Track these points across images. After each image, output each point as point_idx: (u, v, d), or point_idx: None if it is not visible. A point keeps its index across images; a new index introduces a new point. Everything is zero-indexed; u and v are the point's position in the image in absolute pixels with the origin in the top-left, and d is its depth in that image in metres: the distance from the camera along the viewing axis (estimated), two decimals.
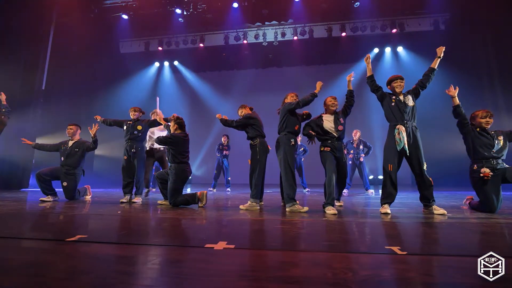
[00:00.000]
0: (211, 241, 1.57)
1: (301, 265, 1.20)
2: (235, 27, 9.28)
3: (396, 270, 1.15)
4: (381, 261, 1.27)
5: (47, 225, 2.23)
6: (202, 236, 1.81)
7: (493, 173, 2.66)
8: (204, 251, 1.39)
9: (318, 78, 11.05)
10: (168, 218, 2.54)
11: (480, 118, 2.78)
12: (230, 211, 2.97)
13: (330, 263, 1.21)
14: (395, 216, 2.54)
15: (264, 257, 1.35)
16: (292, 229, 2.02)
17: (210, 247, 1.43)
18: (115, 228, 2.15)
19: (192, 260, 1.28)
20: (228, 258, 1.29)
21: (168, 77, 11.14)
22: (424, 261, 1.28)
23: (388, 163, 2.81)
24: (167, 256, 1.37)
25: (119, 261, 1.29)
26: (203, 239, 1.66)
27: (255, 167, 3.26)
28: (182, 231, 2.02)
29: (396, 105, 2.86)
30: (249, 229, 2.08)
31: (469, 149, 2.87)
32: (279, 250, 1.44)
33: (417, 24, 8.84)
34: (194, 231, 2.02)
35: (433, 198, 2.73)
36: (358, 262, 1.24)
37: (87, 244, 1.53)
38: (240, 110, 3.62)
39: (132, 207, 3.32)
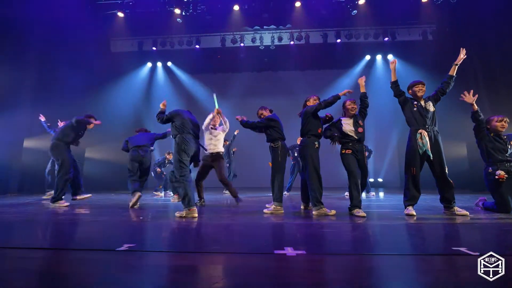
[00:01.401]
0: (275, 247, 1.52)
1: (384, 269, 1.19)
2: (233, 30, 9.25)
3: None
4: (454, 262, 1.29)
5: (90, 234, 2.07)
6: (261, 241, 1.76)
7: (508, 176, 2.82)
8: (277, 258, 1.34)
9: (313, 84, 11.28)
10: (209, 223, 2.45)
11: (495, 122, 2.96)
12: (257, 215, 2.92)
13: (411, 266, 1.21)
14: (425, 218, 2.62)
15: (347, 262, 1.33)
16: (340, 232, 2.02)
17: (281, 253, 1.39)
18: (164, 236, 2.04)
19: (278, 268, 1.23)
20: (309, 265, 1.26)
21: (162, 78, 10.86)
22: None
23: (411, 167, 2.90)
24: (249, 263, 1.31)
25: (198, 272, 1.21)
26: (264, 245, 1.61)
27: (277, 169, 3.23)
28: (235, 237, 1.95)
29: (418, 110, 2.97)
30: (303, 233, 2.04)
31: (484, 153, 3.03)
32: (354, 255, 1.43)
33: (407, 33, 9.29)
34: (247, 237, 1.96)
35: (454, 200, 2.84)
36: (432, 264, 1.25)
37: (148, 254, 1.43)
38: (260, 112, 3.59)
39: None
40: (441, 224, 2.35)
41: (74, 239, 1.85)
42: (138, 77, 10.42)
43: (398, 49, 9.71)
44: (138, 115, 10.18)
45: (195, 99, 11.03)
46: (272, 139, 3.34)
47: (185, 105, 11.00)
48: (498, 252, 1.49)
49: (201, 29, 9.37)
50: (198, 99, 11.03)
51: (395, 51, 9.99)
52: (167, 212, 3.39)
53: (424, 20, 8.62)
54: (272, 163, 3.29)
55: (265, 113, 3.54)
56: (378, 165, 10.44)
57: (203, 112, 10.98)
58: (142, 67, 10.52)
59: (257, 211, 3.28)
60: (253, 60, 10.30)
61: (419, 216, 2.71)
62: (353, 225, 2.33)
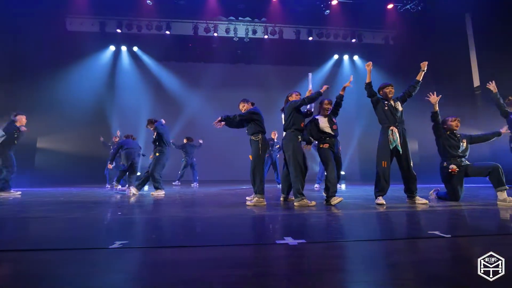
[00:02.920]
0: (275, 237, 1.58)
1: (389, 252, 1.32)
2: (206, 18, 8.96)
3: (459, 250, 1.38)
4: (438, 243, 1.49)
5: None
6: (258, 233, 1.80)
7: (459, 169, 3.26)
8: (282, 247, 1.39)
9: (286, 78, 11.51)
10: (201, 217, 2.40)
11: (450, 121, 3.38)
12: (240, 208, 2.96)
13: (412, 248, 1.37)
14: (394, 206, 2.91)
15: (345, 249, 1.45)
16: (333, 221, 2.16)
17: (284, 243, 1.45)
18: (156, 231, 1.96)
19: (284, 257, 1.28)
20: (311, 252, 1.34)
21: (126, 63, 10.09)
22: (472, 241, 1.56)
23: (382, 161, 3.19)
24: (258, 254, 1.34)
25: (206, 265, 1.22)
26: (266, 235, 1.65)
27: (258, 162, 3.28)
28: (229, 229, 1.96)
29: (388, 109, 3.26)
30: (295, 224, 2.13)
31: (440, 149, 3.45)
32: (350, 241, 1.54)
33: (372, 37, 9.97)
34: (245, 228, 1.98)
35: (417, 190, 3.21)
36: (436, 246, 1.43)
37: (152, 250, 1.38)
38: (242, 105, 3.58)
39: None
40: (409, 211, 2.64)
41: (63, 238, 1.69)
42: (99, 61, 9.55)
43: (364, 51, 10.39)
44: (100, 102, 9.36)
45: (163, 88, 10.52)
46: (253, 132, 3.37)
47: (152, 93, 10.44)
48: (451, 232, 1.75)
49: (173, 14, 8.90)
50: (167, 87, 10.53)
51: (361, 52, 10.66)
52: (142, 207, 3.25)
53: (387, 25, 9.32)
54: (253, 156, 3.32)
55: (247, 106, 3.54)
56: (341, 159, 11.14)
57: (170, 100, 10.55)
58: (104, 50, 9.64)
59: (239, 203, 3.31)
60: (226, 51, 10.13)
61: (388, 205, 3.00)
62: (335, 214, 2.50)
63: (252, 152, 3.33)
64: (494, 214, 2.41)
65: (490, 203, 3.09)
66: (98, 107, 9.16)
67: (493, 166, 3.05)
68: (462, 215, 2.43)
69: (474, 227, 1.95)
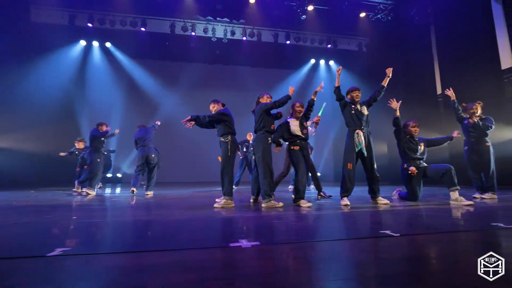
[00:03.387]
0: (230, 240, 1.57)
1: (334, 251, 1.37)
2: (184, 17, 8.81)
3: (403, 248, 1.46)
4: (387, 243, 1.57)
5: None
6: (215, 236, 1.78)
7: (418, 171, 3.47)
8: (235, 250, 1.38)
9: (264, 81, 11.64)
10: (155, 220, 2.34)
11: (410, 127, 3.58)
12: (207, 210, 2.93)
13: (361, 247, 1.43)
14: (357, 207, 3.03)
15: (299, 249, 1.48)
16: (295, 222, 2.20)
17: (237, 246, 1.44)
18: (106, 235, 1.88)
19: (239, 260, 1.28)
20: (264, 254, 1.35)
21: (98, 59, 9.65)
22: (417, 240, 1.66)
23: (348, 162, 3.31)
24: (208, 258, 1.33)
25: (154, 271, 1.19)
26: (219, 238, 1.64)
27: (227, 164, 3.25)
28: (188, 232, 1.93)
29: (355, 113, 3.40)
30: (255, 225, 2.14)
31: (401, 152, 3.65)
32: (302, 242, 1.58)
33: (347, 43, 10.36)
34: (201, 231, 1.96)
35: (379, 191, 3.37)
36: (383, 245, 1.50)
37: (81, 257, 1.33)
38: (212, 105, 3.54)
39: None
40: (370, 212, 2.76)
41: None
42: (68, 56, 9.04)
43: (339, 56, 10.76)
44: (68, 99, 8.85)
45: (138, 86, 10.18)
46: (223, 133, 3.34)
47: (126, 91, 10.07)
48: (403, 231, 1.85)
49: (149, 11, 8.66)
50: (141, 86, 10.20)
51: (336, 58, 11.03)
52: (105, 210, 3.12)
53: (360, 33, 9.73)
54: (222, 157, 3.29)
55: (217, 106, 3.52)
56: (317, 161, 11.44)
57: (145, 99, 10.21)
58: (73, 45, 9.15)
59: (208, 206, 3.28)
60: (204, 52, 10.03)
61: (352, 206, 3.12)
62: (299, 215, 2.56)
63: (221, 154, 3.31)
64: (444, 213, 2.59)
65: (445, 202, 3.32)
66: (65, 104, 8.66)
67: (447, 168, 3.28)
68: (416, 215, 2.58)
69: (424, 226, 2.09)
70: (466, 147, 3.93)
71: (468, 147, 3.90)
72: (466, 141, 3.93)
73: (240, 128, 5.98)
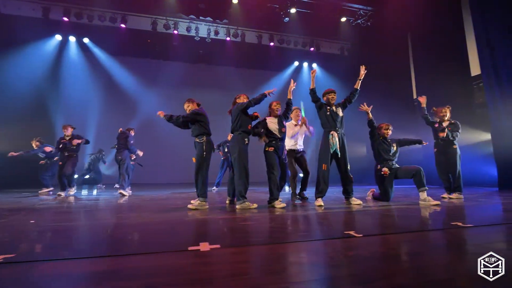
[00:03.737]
0: (191, 243, 1.52)
1: (296, 253, 1.37)
2: (166, 15, 8.64)
3: (361, 249, 1.48)
4: (347, 244, 1.58)
5: None
6: (177, 239, 1.73)
7: (390, 172, 3.57)
8: (192, 254, 1.34)
9: (247, 81, 11.60)
10: (119, 223, 2.25)
11: (384, 129, 3.68)
12: (180, 212, 2.87)
13: (320, 249, 1.43)
14: (330, 208, 3.06)
15: (258, 252, 1.46)
16: (264, 224, 2.18)
17: (196, 249, 1.40)
18: (63, 240, 1.77)
19: (191, 264, 1.24)
20: (221, 258, 1.31)
21: (74, 55, 9.25)
22: (378, 240, 1.68)
23: (323, 163, 3.35)
24: (160, 263, 1.28)
25: (101, 279, 1.13)
26: (181, 242, 1.59)
27: (202, 165, 3.19)
28: (150, 236, 1.86)
29: (330, 114, 3.44)
30: (220, 228, 2.11)
31: (375, 153, 3.74)
32: (268, 244, 1.56)
33: (329, 47, 10.56)
34: (164, 235, 1.90)
35: (353, 192, 3.43)
36: (342, 246, 1.51)
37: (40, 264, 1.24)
38: (186, 105, 3.47)
39: None
40: (342, 212, 2.80)
41: None
42: (41, 51, 8.59)
43: (321, 59, 10.93)
44: (40, 96, 8.40)
45: (117, 84, 9.84)
46: (198, 133, 3.28)
47: (104, 89, 9.72)
48: (366, 232, 1.89)
49: (129, 7, 8.41)
50: (121, 84, 9.88)
51: (318, 61, 11.20)
52: (70, 214, 2.97)
53: (342, 37, 9.94)
54: (197, 158, 3.22)
55: (192, 106, 3.45)
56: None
57: (124, 98, 9.89)
58: (48, 39, 8.72)
59: (182, 207, 3.21)
60: (187, 50, 9.87)
61: (326, 206, 3.15)
62: (271, 216, 2.54)
63: (196, 155, 3.24)
64: (411, 213, 2.67)
65: (415, 202, 3.42)
66: (37, 102, 8.22)
67: (416, 169, 3.39)
68: (385, 215, 2.64)
69: (389, 226, 2.13)
70: (436, 149, 4.10)
71: (437, 149, 4.07)
72: (436, 144, 4.10)
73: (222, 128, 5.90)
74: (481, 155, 6.28)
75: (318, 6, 8.07)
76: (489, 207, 3.01)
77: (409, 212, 2.69)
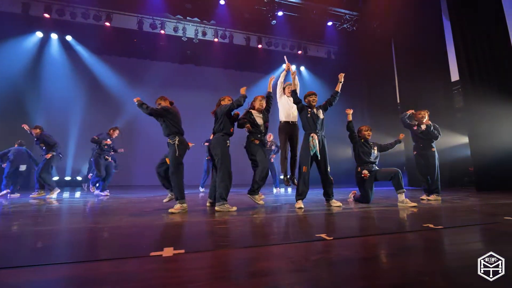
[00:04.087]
0: (155, 248, 1.46)
1: (261, 258, 1.33)
2: (152, 14, 8.53)
3: (331, 252, 1.47)
4: (319, 247, 1.56)
5: None
6: (144, 244, 1.67)
7: (370, 174, 3.60)
8: (152, 260, 1.28)
9: (235, 83, 11.55)
10: (85, 227, 2.16)
11: (364, 131, 3.72)
12: (154, 216, 2.79)
13: (285, 253, 1.40)
14: (310, 210, 3.06)
15: (222, 257, 1.42)
16: (239, 227, 2.14)
17: (158, 255, 1.33)
18: (24, 246, 1.67)
19: (148, 271, 1.18)
20: (181, 264, 1.25)
21: (56, 53, 8.97)
22: (348, 243, 1.68)
23: (303, 165, 3.35)
24: (112, 271, 1.22)
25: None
26: (144, 247, 1.52)
27: (175, 167, 3.06)
28: (114, 241, 1.79)
29: (311, 116, 3.45)
30: (191, 232, 2.05)
31: (356, 155, 3.78)
32: (238, 249, 1.52)
33: (316, 50, 10.68)
34: (130, 240, 1.83)
35: (333, 194, 3.44)
36: (308, 250, 1.48)
37: None
38: (158, 102, 3.36)
39: None
40: (320, 214, 2.79)
41: None
42: (20, 48, 8.29)
43: (309, 62, 11.05)
44: (19, 94, 8.08)
45: (101, 84, 9.61)
46: (169, 133, 3.16)
47: (87, 89, 9.47)
48: (338, 234, 1.88)
49: (114, 5, 8.25)
50: (105, 83, 9.65)
51: (306, 64, 11.31)
52: (38, 217, 2.84)
53: (329, 41, 10.09)
54: (170, 159, 3.09)
55: (163, 103, 3.34)
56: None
57: (109, 98, 9.65)
58: (28, 36, 8.42)
59: (161, 210, 3.13)
60: (175, 50, 9.77)
61: (306, 208, 3.15)
62: (248, 219, 2.51)
63: (169, 156, 3.12)
64: (388, 215, 2.69)
65: (394, 204, 3.47)
66: (16, 101, 7.91)
67: (395, 171, 3.43)
68: (362, 217, 2.65)
69: (362, 228, 2.14)
70: (415, 152, 4.18)
71: (417, 152, 4.15)
72: (415, 147, 4.18)
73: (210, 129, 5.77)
74: (461, 157, 6.48)
75: (305, 10, 8.15)
76: (463, 209, 3.08)
77: (385, 214, 2.72)
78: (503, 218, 2.33)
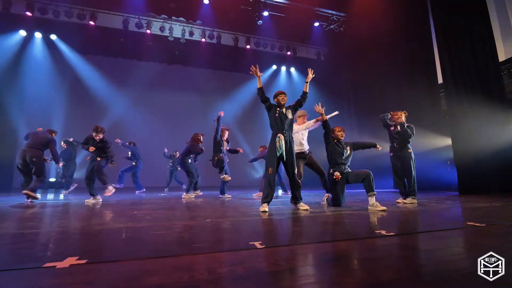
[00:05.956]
0: (57, 258, 1.30)
1: (160, 272, 1.16)
2: (137, 13, 8.42)
3: (252, 263, 1.31)
4: (242, 257, 1.38)
5: None
6: (41, 252, 1.52)
7: (341, 176, 3.47)
8: (44, 272, 1.13)
9: (223, 83, 11.38)
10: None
11: (337, 132, 3.59)
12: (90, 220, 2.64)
13: (190, 266, 1.24)
14: (275, 214, 2.91)
15: (122, 268, 1.28)
16: (175, 233, 1.99)
17: (51, 266, 1.19)
18: None
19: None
20: (75, 278, 1.09)
21: (39, 52, 8.83)
22: (279, 252, 1.53)
23: (269, 167, 3.21)
24: None
25: None
26: (41, 256, 1.36)
27: None
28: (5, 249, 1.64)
29: (279, 116, 3.32)
30: (107, 240, 1.91)
31: (328, 156, 3.64)
32: (140, 259, 1.36)
33: (306, 52, 10.58)
34: (27, 247, 1.68)
35: (301, 197, 3.30)
36: (218, 261, 1.31)
37: None
38: None
39: None
40: (285, 219, 2.64)
41: None
42: (2, 47, 8.15)
43: (298, 63, 10.94)
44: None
45: (85, 84, 9.46)
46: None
47: (71, 89, 9.32)
48: (284, 244, 1.73)
49: (98, 4, 8.14)
50: (90, 83, 9.50)
51: (295, 65, 11.21)
52: (15, 220, 2.69)
53: (317, 42, 9.99)
54: None
55: None
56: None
57: (93, 98, 9.48)
58: (9, 34, 8.29)
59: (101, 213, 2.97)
60: (162, 51, 9.65)
61: (273, 212, 3.00)
62: (196, 224, 2.36)
63: None
64: (352, 219, 2.54)
65: (364, 208, 3.32)
66: None
67: (366, 173, 3.30)
68: (324, 222, 2.51)
69: (316, 234, 2.00)
70: (391, 153, 4.05)
71: (393, 153, 4.02)
72: (391, 148, 4.05)
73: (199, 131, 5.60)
74: (446, 160, 6.36)
75: (291, 9, 8.06)
76: (432, 213, 2.94)
77: (351, 219, 2.57)
78: (467, 224, 2.20)
